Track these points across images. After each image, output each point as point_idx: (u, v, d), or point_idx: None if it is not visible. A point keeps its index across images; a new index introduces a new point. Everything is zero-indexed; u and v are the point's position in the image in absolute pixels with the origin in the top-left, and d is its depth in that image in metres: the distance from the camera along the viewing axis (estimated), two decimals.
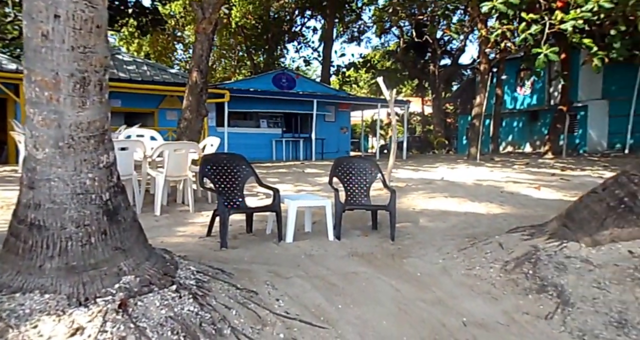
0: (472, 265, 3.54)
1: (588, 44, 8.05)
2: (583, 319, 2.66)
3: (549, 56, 7.81)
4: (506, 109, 21.33)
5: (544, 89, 19.72)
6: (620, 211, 3.07)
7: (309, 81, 18.68)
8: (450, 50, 29.85)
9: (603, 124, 17.71)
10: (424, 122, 34.46)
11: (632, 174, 3.14)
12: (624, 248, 2.99)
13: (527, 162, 13.31)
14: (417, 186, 7.96)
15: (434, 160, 15.72)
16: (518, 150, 21.61)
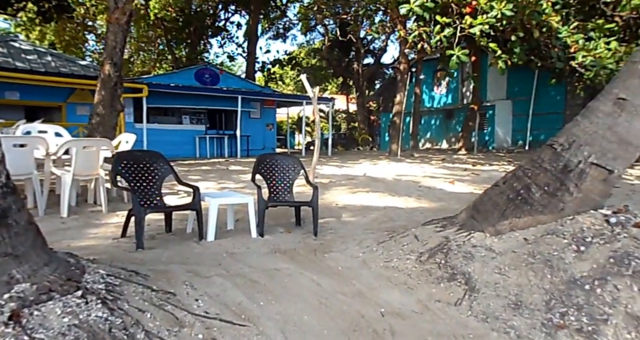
0: (390, 257, 3.68)
1: (493, 48, 8.67)
2: (486, 303, 2.87)
3: (460, 58, 8.31)
4: (425, 107, 22.41)
5: (457, 89, 20.98)
6: (517, 202, 3.35)
7: (233, 77, 18.35)
8: (373, 49, 30.77)
9: (508, 122, 19.19)
10: (349, 120, 35.24)
11: (526, 168, 3.43)
12: (520, 236, 3.26)
13: (444, 158, 14.08)
14: (341, 182, 8.13)
15: (357, 156, 16.13)
16: (436, 146, 22.81)
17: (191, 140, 16.17)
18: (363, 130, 29.08)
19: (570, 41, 8.92)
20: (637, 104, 3.04)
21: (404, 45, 12.93)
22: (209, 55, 32.58)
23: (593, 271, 2.82)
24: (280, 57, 31.35)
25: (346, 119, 36.22)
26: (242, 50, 29.71)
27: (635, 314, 2.58)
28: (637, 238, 2.91)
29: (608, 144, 3.13)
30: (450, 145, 21.51)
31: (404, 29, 12.82)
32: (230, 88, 16.54)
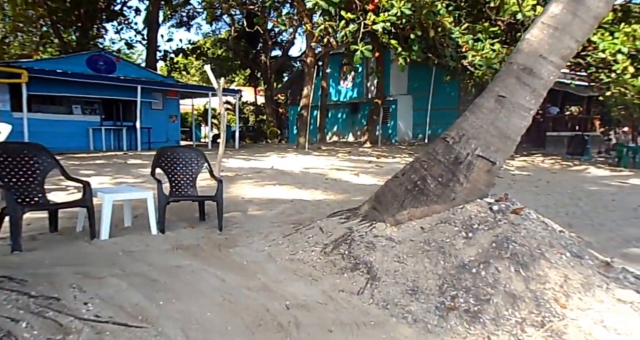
0: (296, 250, 3.71)
1: (394, 45, 9.10)
2: (386, 290, 3.01)
3: (364, 53, 8.59)
4: (331, 100, 22.90)
5: (362, 84, 21.72)
6: (415, 193, 3.55)
7: (132, 65, 17.22)
8: (281, 41, 30.72)
9: (409, 116, 20.32)
10: (257, 112, 34.90)
11: (423, 160, 3.65)
12: (418, 225, 3.46)
13: (349, 151, 14.53)
14: (248, 175, 8.03)
15: (265, 149, 16.04)
16: (342, 139, 23.44)
17: (83, 132, 14.92)
18: (271, 123, 28.99)
19: (461, 41, 9.63)
20: (514, 101, 3.35)
21: (311, 38, 13.07)
22: (104, 42, 30.18)
23: (479, 255, 3.09)
24: (184, 47, 30.05)
25: (254, 111, 35.83)
26: (142, 38, 27.97)
27: (512, 292, 2.86)
28: (514, 223, 3.23)
29: (491, 138, 3.43)
30: (356, 139, 22.24)
31: (311, 22, 12.95)
32: (129, 77, 15.49)
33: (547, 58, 3.26)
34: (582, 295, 2.88)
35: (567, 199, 8.92)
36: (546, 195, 9.31)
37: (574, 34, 3.18)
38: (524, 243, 3.09)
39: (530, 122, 3.48)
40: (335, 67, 21.78)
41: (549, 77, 3.31)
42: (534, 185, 10.69)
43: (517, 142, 3.53)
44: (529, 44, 3.31)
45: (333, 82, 22.90)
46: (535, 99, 3.37)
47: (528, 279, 2.94)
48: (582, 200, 8.87)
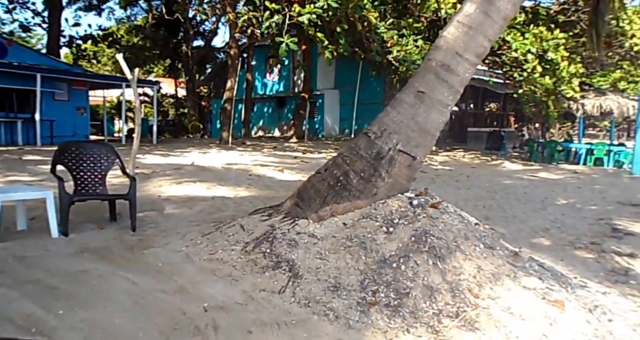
0: (215, 249, 3.63)
1: (321, 38, 9.20)
2: (308, 288, 3.04)
3: (289, 45, 8.59)
4: (257, 94, 22.69)
5: (289, 77, 21.74)
6: (337, 189, 3.61)
7: (29, 51, 15.89)
8: (204, 31, 29.84)
9: (336, 111, 20.66)
10: (178, 105, 33.65)
11: (345, 155, 3.73)
12: (340, 221, 3.53)
13: (275, 146, 14.50)
14: (166, 172, 7.74)
15: (186, 144, 15.56)
16: (269, 134, 23.34)
17: None
18: (193, 117, 28.11)
19: (386, 37, 9.94)
20: (433, 97, 3.52)
21: (234, 29, 12.84)
22: None
23: (399, 250, 3.21)
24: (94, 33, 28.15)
25: (174, 104, 34.51)
26: (42, 20, 25.78)
27: (430, 285, 3.01)
28: (433, 217, 3.40)
29: (412, 133, 3.57)
30: (283, 133, 22.24)
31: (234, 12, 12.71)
32: (25, 63, 14.25)
33: (463, 56, 3.45)
34: (493, 285, 3.10)
35: (485, 192, 9.54)
36: (466, 189, 9.89)
37: (487, 33, 3.40)
38: (442, 236, 3.26)
39: (448, 117, 3.67)
40: (261, 59, 21.58)
41: (464, 74, 3.51)
42: (455, 180, 11.32)
43: (437, 137, 3.71)
44: (446, 42, 3.48)
45: (259, 75, 22.70)
46: (452, 95, 3.56)
47: (445, 271, 3.11)
48: (497, 193, 9.53)
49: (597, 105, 15.46)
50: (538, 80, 12.59)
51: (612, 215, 7.52)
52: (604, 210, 8.02)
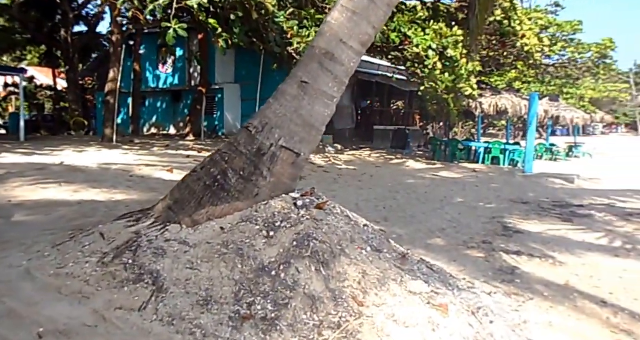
0: (66, 262, 3.24)
1: (213, 25, 8.86)
2: (174, 303, 2.78)
3: (178, 32, 8.15)
4: (149, 87, 21.53)
5: (185, 69, 20.89)
6: (214, 189, 3.39)
7: None
8: (87, 15, 27.72)
9: (237, 107, 20.22)
10: (58, 99, 30.93)
11: (224, 152, 3.51)
12: (217, 225, 3.31)
13: (167, 144, 13.81)
14: (25, 173, 6.96)
15: (61, 142, 14.26)
16: (163, 132, 22.24)
17: None
18: (76, 112, 25.98)
19: (286, 27, 9.84)
20: (317, 87, 3.42)
21: (115, 11, 11.99)
22: None
23: (280, 256, 3.06)
24: None
25: (53, 97, 31.69)
26: None
27: (311, 294, 2.90)
28: (317, 219, 3.30)
29: (295, 127, 3.45)
30: (179, 131, 21.33)
31: None
32: None
33: (347, 43, 3.39)
34: (378, 291, 3.06)
35: (387, 192, 9.81)
36: (369, 189, 10.11)
37: (371, 19, 3.37)
38: (325, 240, 3.16)
39: (334, 110, 3.59)
40: (152, 49, 20.47)
41: (349, 64, 3.45)
42: (359, 180, 11.55)
43: (322, 132, 3.62)
44: (330, 28, 3.41)
45: (151, 67, 21.55)
46: (337, 87, 3.49)
47: (328, 278, 3.02)
48: (399, 193, 9.85)
49: (493, 104, 16.68)
50: (439, 77, 13.25)
51: (504, 213, 8.05)
52: (497, 208, 8.58)
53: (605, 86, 52.86)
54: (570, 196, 10.23)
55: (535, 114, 14.41)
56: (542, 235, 6.51)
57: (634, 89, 66.40)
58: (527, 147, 14.40)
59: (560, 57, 27.71)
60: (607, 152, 26.49)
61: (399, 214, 7.67)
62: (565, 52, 26.35)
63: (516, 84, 32.91)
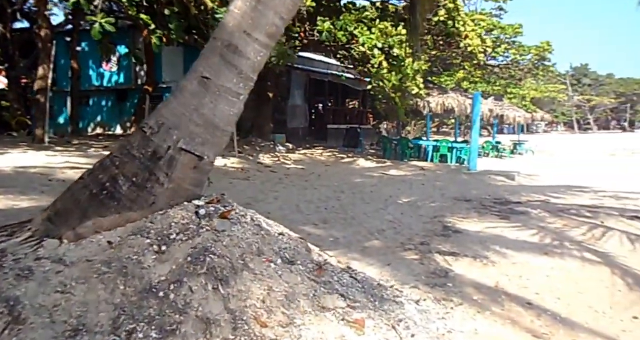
0: None
1: (145, 20, 8.27)
2: (32, 336, 2.31)
3: (105, 26, 7.53)
4: (93, 86, 20.43)
5: (130, 67, 19.94)
6: (102, 198, 2.92)
7: None
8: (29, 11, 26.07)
9: None
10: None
11: (115, 155, 3.05)
12: (104, 239, 2.85)
13: (107, 146, 13.02)
14: None
15: None
16: (109, 131, 21.20)
17: None
18: (18, 111, 24.38)
19: None
20: (219, 83, 3.02)
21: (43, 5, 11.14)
22: None
23: (171, 274, 2.64)
24: None
25: None
26: None
27: (205, 316, 2.50)
28: (217, 230, 2.90)
29: (196, 127, 3.03)
30: (125, 131, 20.34)
31: None
32: None
33: (252, 35, 3.00)
34: (285, 309, 2.70)
35: (331, 192, 9.49)
36: (313, 189, 9.77)
37: (278, 9, 2.99)
38: (225, 254, 2.77)
39: (241, 109, 3.20)
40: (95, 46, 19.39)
41: (256, 58, 3.06)
42: (305, 179, 11.20)
43: (229, 133, 3.22)
44: (233, 18, 3.00)
45: (94, 64, 20.43)
46: (244, 83, 3.10)
47: (227, 297, 2.62)
48: (344, 193, 9.55)
49: (440, 103, 16.70)
50: (385, 75, 13.07)
51: (446, 212, 7.88)
52: (440, 207, 8.41)
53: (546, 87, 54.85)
54: (510, 193, 10.25)
55: (479, 112, 14.47)
56: (480, 234, 6.36)
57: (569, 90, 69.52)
58: (471, 145, 14.44)
59: (504, 59, 28.29)
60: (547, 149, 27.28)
61: (340, 215, 7.36)
62: (508, 53, 26.89)
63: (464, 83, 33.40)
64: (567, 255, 5.28)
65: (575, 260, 5.12)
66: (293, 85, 22.49)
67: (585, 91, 75.47)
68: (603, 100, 71.24)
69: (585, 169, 15.83)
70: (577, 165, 17.60)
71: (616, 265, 4.95)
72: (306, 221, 6.83)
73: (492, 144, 22.98)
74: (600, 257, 5.19)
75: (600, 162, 19.27)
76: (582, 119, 74.25)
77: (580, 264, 5.03)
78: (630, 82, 78.54)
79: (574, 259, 5.14)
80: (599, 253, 5.32)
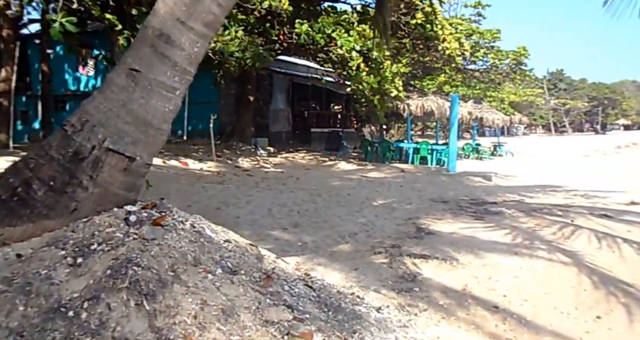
0: None
1: (112, 20, 7.87)
2: None
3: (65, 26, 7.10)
4: (69, 90, 19.85)
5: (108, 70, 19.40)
6: (12, 205, 2.56)
7: None
8: None
9: None
10: None
11: (30, 157, 2.68)
12: (13, 252, 2.48)
13: None
14: None
15: None
16: None
17: None
18: None
19: None
20: (151, 77, 2.67)
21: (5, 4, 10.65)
22: None
23: (87, 290, 2.28)
24: None
25: None
26: None
27: (124, 336, 2.14)
28: (146, 239, 2.54)
29: (125, 125, 2.68)
30: None
31: None
32: None
33: (187, 23, 2.66)
34: (222, 324, 2.35)
35: (308, 195, 9.16)
36: (290, 192, 9.43)
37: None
38: (152, 265, 2.41)
39: (179, 105, 2.86)
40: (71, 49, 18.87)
41: (192, 49, 2.72)
42: (283, 183, 10.85)
43: (166, 131, 2.87)
44: (165, 4, 2.66)
45: (70, 68, 19.86)
46: (179, 76, 2.75)
47: (153, 313, 2.27)
48: (321, 196, 9.23)
49: (420, 106, 16.47)
50: (364, 78, 12.80)
51: (421, 214, 7.62)
52: (416, 208, 8.14)
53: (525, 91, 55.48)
54: (487, 193, 10.04)
55: (457, 114, 14.25)
56: (453, 236, 6.12)
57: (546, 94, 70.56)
58: (450, 146, 14.21)
59: (484, 63, 28.29)
60: (526, 151, 27.35)
61: (313, 219, 7.04)
62: (487, 58, 26.90)
63: (446, 87, 33.41)
64: (537, 255, 5.14)
65: (544, 259, 4.97)
66: (276, 89, 22.16)
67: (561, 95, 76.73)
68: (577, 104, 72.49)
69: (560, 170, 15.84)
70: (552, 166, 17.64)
71: (583, 264, 4.82)
72: (276, 225, 6.49)
73: (472, 146, 22.85)
74: (568, 256, 5.05)
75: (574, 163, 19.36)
76: (559, 122, 75.22)
77: (549, 263, 4.89)
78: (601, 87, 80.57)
79: (542, 259, 4.99)
80: (568, 252, 5.18)
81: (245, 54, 9.89)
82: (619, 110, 79.77)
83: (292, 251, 5.30)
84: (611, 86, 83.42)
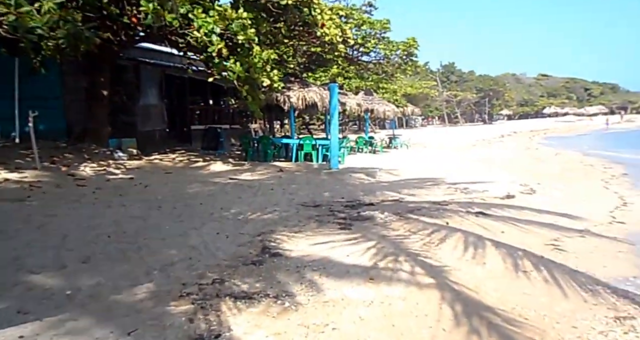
0: None
1: None
2: None
3: None
4: None
5: None
6: None
7: None
8: None
9: None
10: None
11: None
12: None
13: None
14: None
15: None
16: None
17: None
18: None
19: None
20: None
21: None
22: None
23: None
24: None
25: None
26: None
27: None
28: None
29: None
30: None
31: None
32: None
33: None
34: None
35: (144, 209, 7.35)
36: (120, 206, 7.53)
37: None
38: None
39: None
40: None
41: None
42: (120, 193, 8.87)
43: None
44: None
45: None
46: None
47: None
48: (161, 208, 7.49)
49: (301, 98, 15.21)
50: (229, 66, 11.15)
51: (280, 225, 6.30)
52: (278, 218, 6.80)
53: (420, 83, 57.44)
54: (366, 193, 9.01)
55: (337, 105, 13.16)
56: (303, 258, 4.90)
57: (440, 86, 74.42)
58: (331, 141, 13.07)
59: (376, 55, 27.95)
60: (421, 142, 27.62)
61: (123, 246, 5.29)
62: (377, 49, 26.53)
63: (339, 79, 32.79)
64: (396, 277, 4.30)
65: (402, 284, 4.14)
66: (144, 82, 19.72)
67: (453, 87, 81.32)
68: (467, 95, 77.21)
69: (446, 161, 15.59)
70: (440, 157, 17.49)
71: (447, 284, 4.13)
72: (50, 262, 4.60)
73: (364, 140, 22.24)
74: (432, 275, 4.36)
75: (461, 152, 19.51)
76: (452, 113, 79.48)
77: (407, 290, 4.02)
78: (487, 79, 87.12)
79: (401, 283, 4.16)
80: (433, 269, 4.52)
81: (57, 32, 7.78)
82: (502, 101, 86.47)
83: (43, 307, 3.60)
84: (495, 78, 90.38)
